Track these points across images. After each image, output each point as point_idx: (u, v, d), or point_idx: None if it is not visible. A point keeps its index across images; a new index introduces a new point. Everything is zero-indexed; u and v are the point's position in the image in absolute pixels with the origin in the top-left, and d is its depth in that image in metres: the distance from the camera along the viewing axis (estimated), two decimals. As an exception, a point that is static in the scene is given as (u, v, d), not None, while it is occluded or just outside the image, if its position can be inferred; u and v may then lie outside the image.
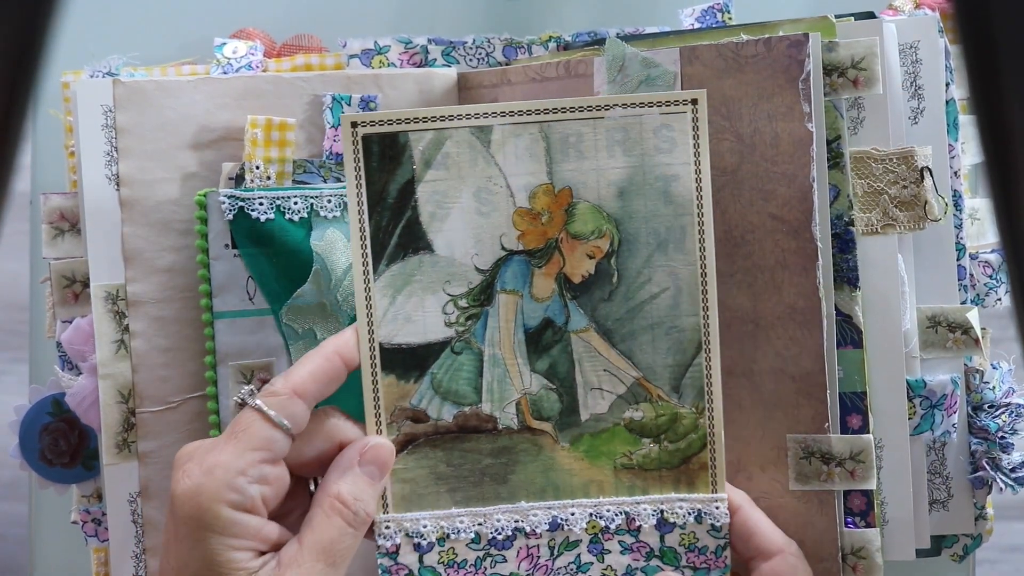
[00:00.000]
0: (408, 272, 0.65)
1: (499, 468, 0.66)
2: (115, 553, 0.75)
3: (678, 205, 0.65)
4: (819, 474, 0.70)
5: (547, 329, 0.66)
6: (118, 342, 0.74)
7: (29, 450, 0.80)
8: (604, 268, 0.66)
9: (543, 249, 0.65)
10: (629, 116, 0.65)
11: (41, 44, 0.35)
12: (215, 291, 0.73)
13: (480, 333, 0.65)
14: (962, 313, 0.72)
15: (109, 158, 0.75)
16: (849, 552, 0.71)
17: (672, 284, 0.66)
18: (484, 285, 0.65)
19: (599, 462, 0.67)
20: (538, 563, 0.66)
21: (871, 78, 0.70)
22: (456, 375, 0.66)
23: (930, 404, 0.72)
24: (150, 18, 0.84)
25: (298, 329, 0.73)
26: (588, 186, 0.65)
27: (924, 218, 0.71)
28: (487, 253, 0.65)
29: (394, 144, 0.64)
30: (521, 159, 0.65)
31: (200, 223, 0.73)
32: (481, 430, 0.66)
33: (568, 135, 0.65)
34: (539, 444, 0.66)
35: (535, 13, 0.85)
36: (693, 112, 0.65)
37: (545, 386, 0.66)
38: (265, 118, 0.74)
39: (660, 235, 0.66)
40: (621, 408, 0.67)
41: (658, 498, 0.67)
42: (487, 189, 0.65)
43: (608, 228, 0.65)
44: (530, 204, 0.65)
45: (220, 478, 0.60)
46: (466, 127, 0.64)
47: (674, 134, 0.65)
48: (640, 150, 0.65)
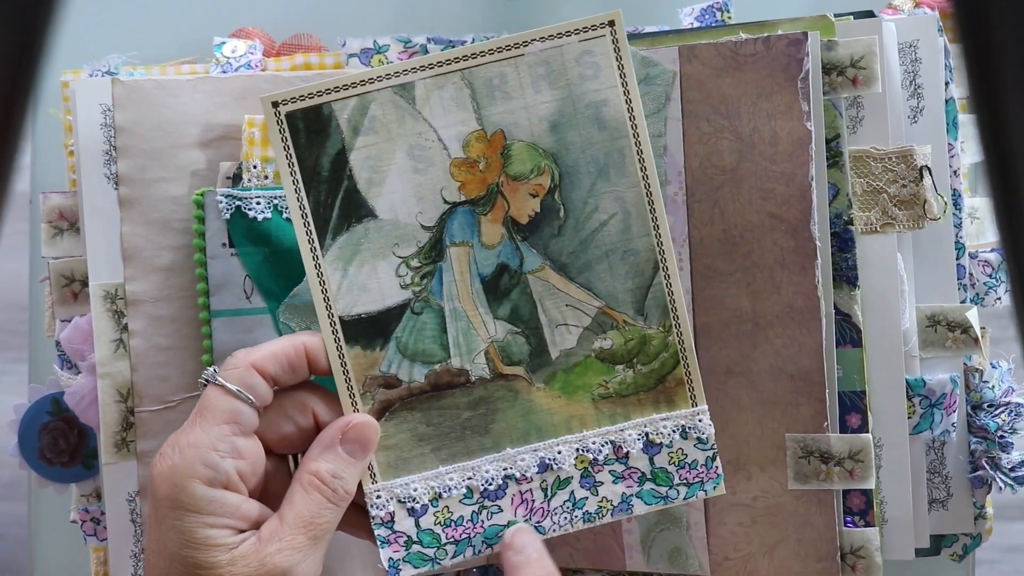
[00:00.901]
0: (355, 242, 0.64)
1: (479, 419, 0.66)
2: (114, 552, 0.75)
3: (612, 130, 0.65)
4: (818, 473, 0.70)
5: (503, 274, 0.66)
6: (117, 341, 0.74)
7: (28, 449, 0.80)
8: (549, 204, 0.65)
9: (485, 196, 0.65)
10: (549, 49, 0.64)
11: (41, 44, 0.35)
12: (212, 290, 0.73)
13: (437, 290, 0.65)
14: (961, 312, 0.72)
15: (108, 157, 0.75)
16: (848, 551, 0.71)
17: (620, 209, 0.65)
18: (433, 242, 0.65)
19: (577, 396, 0.66)
20: (533, 507, 0.66)
21: (870, 77, 0.70)
22: (420, 335, 0.65)
23: (929, 403, 0.72)
24: (149, 17, 0.84)
25: (295, 328, 0.73)
26: (520, 126, 0.65)
27: (923, 217, 0.71)
28: (430, 209, 0.65)
29: (319, 117, 0.64)
30: (448, 110, 0.64)
31: (197, 222, 0.73)
32: (455, 385, 0.66)
33: (491, 78, 0.64)
34: (514, 389, 0.66)
35: (534, 12, 0.85)
36: (612, 34, 0.64)
37: (510, 331, 0.66)
38: (263, 117, 0.74)
39: (599, 162, 0.65)
40: (589, 340, 0.66)
41: (641, 421, 0.67)
42: (419, 146, 0.64)
43: (546, 164, 0.65)
44: (465, 153, 0.65)
45: (192, 455, 0.60)
46: (388, 87, 0.64)
47: (597, 59, 0.64)
48: (565, 81, 0.64)
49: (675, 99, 0.72)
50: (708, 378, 0.72)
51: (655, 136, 0.72)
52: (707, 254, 0.72)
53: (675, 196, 0.72)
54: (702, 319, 0.72)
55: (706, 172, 0.71)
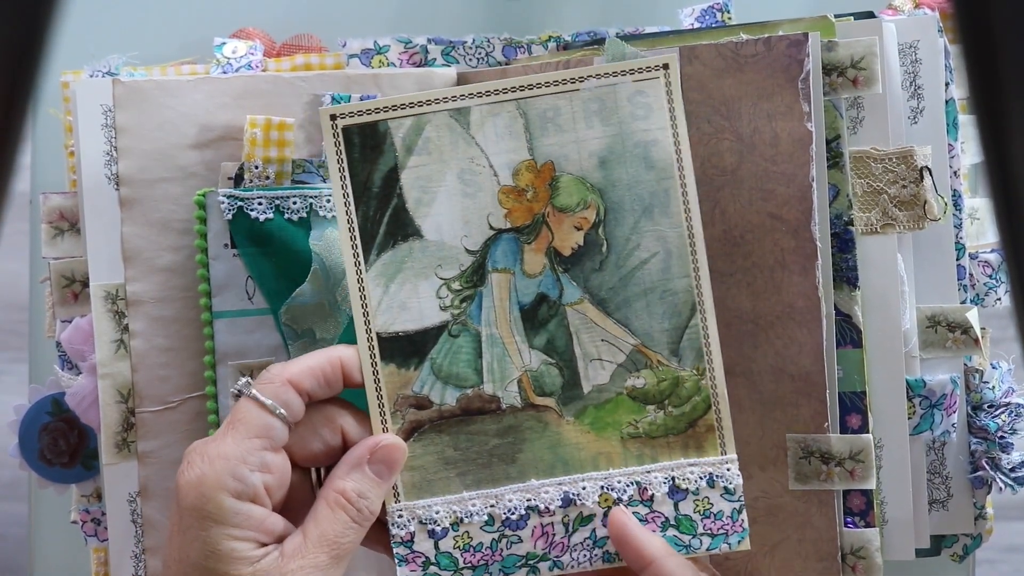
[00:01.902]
0: (399, 260, 0.65)
1: (506, 448, 0.66)
2: (115, 553, 0.75)
3: (659, 170, 0.66)
4: (818, 474, 0.70)
5: (542, 304, 0.66)
6: (117, 342, 0.74)
7: (28, 450, 0.80)
8: (592, 238, 0.66)
9: (531, 225, 0.66)
10: (603, 86, 0.65)
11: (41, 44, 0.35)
12: (214, 291, 0.73)
13: (476, 314, 0.65)
14: (962, 313, 0.72)
15: (109, 158, 0.75)
16: (849, 552, 0.71)
17: (661, 248, 0.66)
18: (475, 266, 0.65)
19: (606, 433, 0.66)
20: (554, 540, 0.66)
21: (871, 78, 0.70)
22: (455, 358, 0.65)
23: (930, 404, 0.72)
24: (150, 18, 0.84)
25: (297, 329, 0.73)
26: (569, 159, 0.65)
27: (924, 218, 0.71)
28: (476, 234, 0.65)
29: (375, 133, 0.64)
30: (501, 137, 0.65)
31: (199, 223, 0.73)
32: (485, 411, 0.66)
33: (545, 110, 0.65)
34: (544, 420, 0.66)
35: (535, 13, 0.85)
36: (665, 77, 0.65)
37: (545, 361, 0.66)
38: (264, 118, 0.74)
39: (644, 201, 0.66)
40: (622, 377, 0.66)
41: (668, 464, 0.66)
42: (470, 170, 0.65)
43: (593, 198, 0.66)
44: (514, 181, 0.65)
45: (222, 467, 0.60)
46: (444, 110, 0.64)
47: (649, 100, 0.65)
48: (617, 119, 0.65)
49: (675, 100, 0.72)
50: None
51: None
52: (708, 255, 0.72)
53: (675, 197, 0.72)
54: (702, 320, 0.72)
55: (707, 173, 0.71)
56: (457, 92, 0.64)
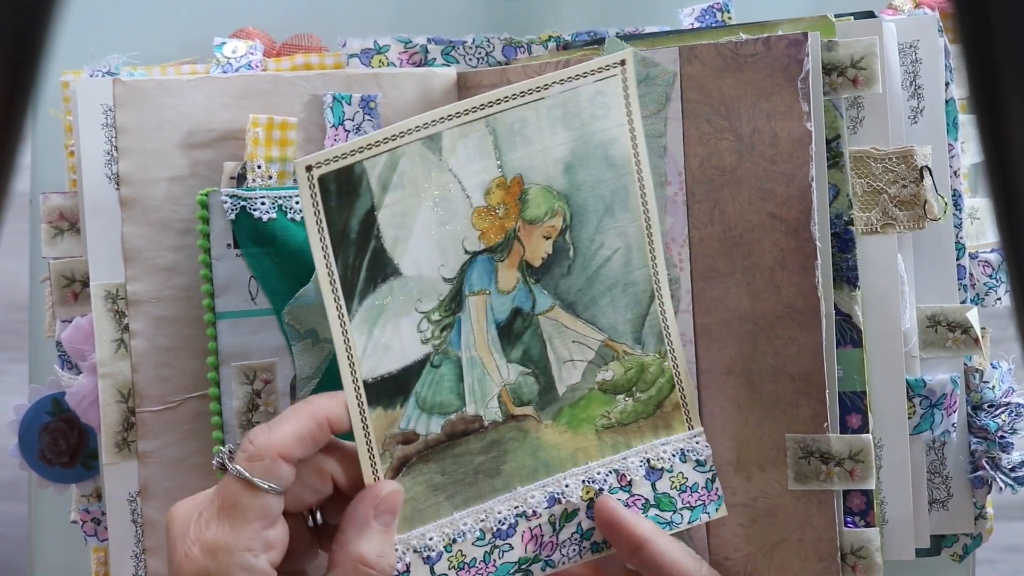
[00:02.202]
0: (380, 303, 0.63)
1: (491, 463, 0.66)
2: (115, 553, 0.75)
3: (619, 167, 0.66)
4: (818, 474, 0.70)
5: (516, 318, 0.66)
6: (118, 341, 0.74)
7: (28, 450, 0.80)
8: (560, 245, 0.66)
9: (503, 242, 0.65)
10: (567, 91, 0.65)
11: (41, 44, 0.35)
12: (217, 291, 0.73)
13: (456, 340, 0.65)
14: (962, 312, 0.72)
15: (109, 157, 0.75)
16: (849, 552, 0.71)
17: (622, 243, 0.67)
18: (453, 293, 0.65)
19: (581, 429, 0.67)
20: (543, 541, 0.66)
21: (870, 77, 0.70)
22: (439, 388, 0.65)
23: (930, 403, 0.72)
24: (150, 18, 0.84)
25: (300, 329, 0.73)
26: (536, 169, 0.65)
27: (924, 217, 0.71)
28: (452, 261, 0.64)
29: (351, 177, 0.62)
30: (471, 158, 0.64)
31: (202, 223, 0.73)
32: (469, 432, 0.65)
33: (513, 123, 0.64)
34: (524, 428, 0.66)
35: (535, 13, 0.85)
36: (622, 73, 0.65)
37: (521, 372, 0.67)
38: (266, 117, 0.74)
39: (606, 199, 0.66)
40: (593, 373, 0.67)
41: (642, 448, 0.68)
42: (444, 198, 0.64)
43: (560, 205, 0.66)
44: (485, 201, 0.65)
45: (226, 561, 0.58)
46: (417, 140, 0.63)
47: (607, 99, 0.65)
48: (579, 122, 0.65)
49: (675, 99, 0.72)
50: (708, 378, 0.72)
51: (655, 136, 0.72)
52: (707, 254, 0.72)
53: (675, 196, 0.72)
54: (702, 319, 0.72)
55: (706, 172, 0.71)
56: (427, 119, 0.63)
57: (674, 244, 0.72)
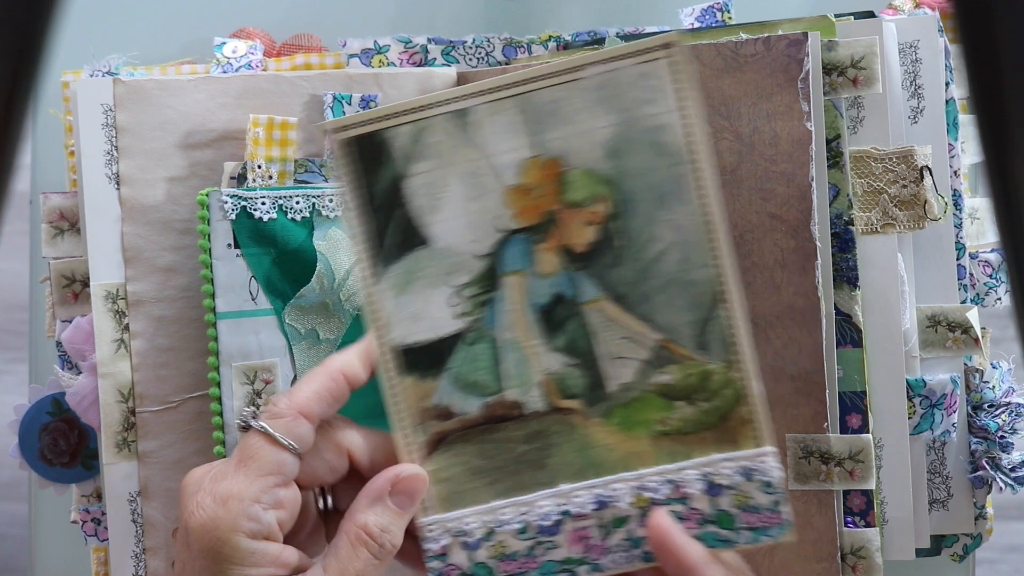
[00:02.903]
0: (409, 270, 0.62)
1: (534, 453, 0.63)
2: (115, 553, 0.75)
3: (671, 155, 0.62)
4: (818, 474, 0.70)
5: (558, 305, 0.63)
6: (118, 341, 0.74)
7: (29, 450, 0.80)
8: (607, 232, 0.62)
9: (541, 224, 0.62)
10: (605, 72, 0.62)
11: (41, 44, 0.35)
12: (218, 291, 0.73)
13: (491, 320, 0.63)
14: (962, 312, 0.72)
15: (109, 157, 0.75)
16: (849, 552, 0.71)
17: (679, 237, 0.62)
18: (486, 271, 0.63)
19: (635, 432, 0.63)
20: (590, 544, 0.63)
21: (871, 77, 0.70)
22: (474, 366, 0.63)
23: (930, 403, 0.72)
24: (150, 17, 0.84)
25: (301, 329, 0.73)
26: (577, 152, 0.62)
27: (924, 217, 0.71)
28: (484, 238, 0.62)
29: (373, 144, 0.62)
30: (502, 136, 0.62)
31: (202, 223, 0.73)
32: (509, 417, 0.63)
33: (547, 103, 0.62)
34: (571, 423, 0.63)
35: (535, 13, 0.85)
36: (668, 56, 0.61)
37: (566, 363, 0.63)
38: (267, 117, 0.74)
39: (658, 189, 0.62)
40: (648, 374, 0.63)
41: (702, 461, 0.63)
42: (473, 173, 0.62)
43: (604, 191, 0.62)
44: (520, 180, 0.62)
45: (236, 508, 0.58)
46: (442, 114, 0.62)
47: (654, 82, 0.61)
48: (623, 105, 0.62)
49: (675, 99, 0.72)
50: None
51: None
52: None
53: (676, 196, 0.72)
54: (703, 319, 0.72)
55: (706, 172, 0.71)
56: (454, 94, 0.62)
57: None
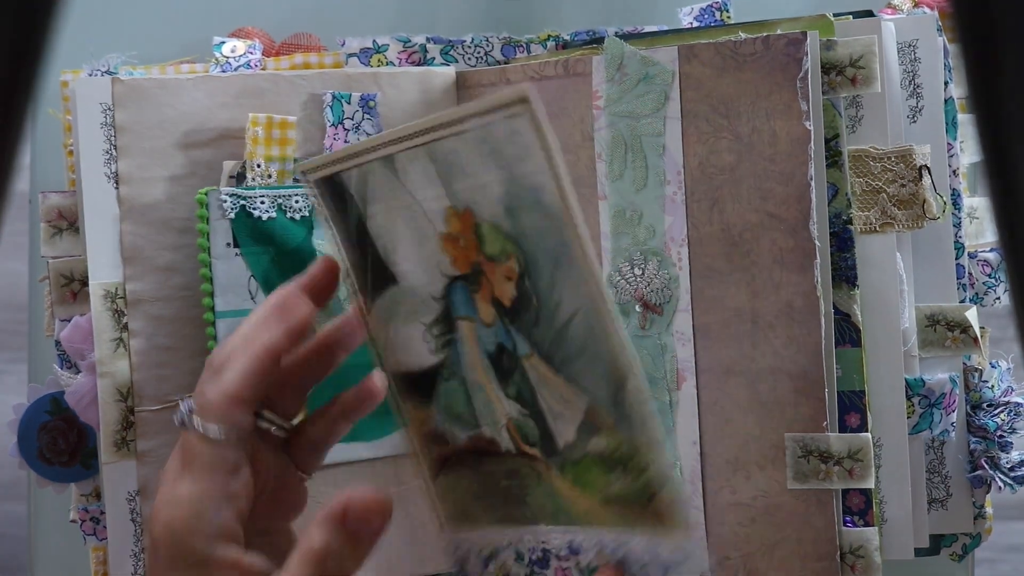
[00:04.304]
0: (388, 305, 0.62)
1: (516, 489, 0.63)
2: (114, 552, 0.75)
3: (554, 217, 0.55)
4: (817, 473, 0.70)
5: (503, 354, 0.60)
6: (117, 340, 0.74)
7: (28, 449, 0.80)
8: (524, 290, 0.58)
9: (472, 274, 0.59)
10: (484, 126, 0.55)
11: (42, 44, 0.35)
12: (217, 290, 0.73)
13: (456, 360, 0.62)
14: (961, 312, 0.72)
15: (108, 156, 0.75)
16: (847, 551, 0.71)
17: (580, 305, 0.56)
18: (443, 312, 0.61)
19: (587, 492, 0.60)
20: None
21: (869, 76, 0.70)
22: (454, 400, 0.62)
23: (929, 403, 0.72)
24: (149, 17, 0.84)
25: (297, 328, 0.73)
26: (480, 204, 0.57)
27: (923, 217, 0.71)
28: (435, 281, 0.60)
29: (337, 185, 0.61)
30: (424, 184, 0.59)
31: (202, 222, 0.73)
32: (490, 452, 0.63)
33: (447, 153, 0.57)
34: (536, 469, 0.61)
35: (534, 12, 0.85)
36: (529, 112, 0.53)
37: (520, 411, 0.60)
38: (266, 116, 0.74)
39: (552, 253, 0.56)
40: (585, 438, 0.59)
41: (645, 537, 0.59)
42: (412, 217, 0.60)
43: (511, 248, 0.57)
44: (447, 228, 0.59)
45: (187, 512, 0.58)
46: (376, 159, 0.59)
47: (524, 139, 0.54)
48: (504, 160, 0.56)
49: (674, 99, 0.72)
50: (707, 378, 0.72)
51: (655, 135, 0.72)
52: (706, 253, 0.72)
53: (674, 196, 0.72)
54: (701, 319, 0.72)
55: (705, 172, 0.72)
56: (380, 140, 0.59)
57: (673, 243, 0.72)
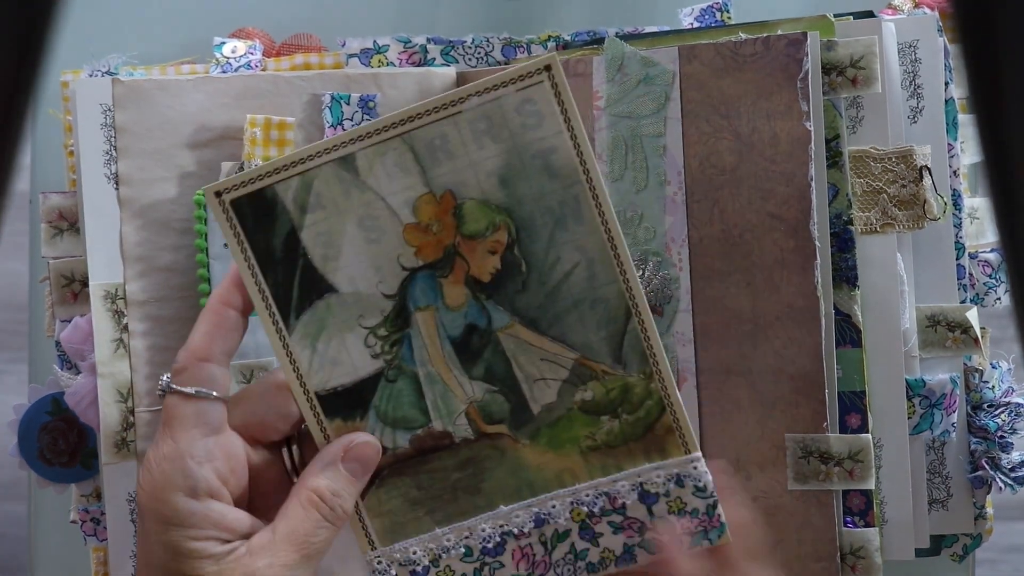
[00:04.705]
0: (319, 318, 0.63)
1: (469, 480, 0.65)
2: (114, 552, 0.75)
3: (563, 177, 0.62)
4: (818, 474, 0.70)
5: (472, 335, 0.64)
6: (117, 341, 0.74)
7: (28, 449, 0.80)
8: (510, 259, 0.63)
9: (443, 258, 0.63)
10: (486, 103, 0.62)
11: (42, 44, 0.35)
12: (214, 290, 0.73)
13: (408, 356, 0.64)
14: (961, 312, 0.72)
15: (108, 157, 0.75)
16: (848, 552, 0.71)
17: (582, 257, 0.63)
18: (397, 309, 0.64)
19: (564, 450, 0.65)
20: (535, 560, 0.66)
21: (870, 77, 0.70)
22: (398, 402, 0.65)
23: (929, 403, 0.72)
24: (149, 17, 0.84)
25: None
26: (468, 184, 0.62)
27: (923, 217, 0.71)
28: (390, 278, 0.63)
29: (264, 200, 0.62)
30: (393, 176, 0.62)
31: (199, 222, 0.73)
32: (439, 447, 0.65)
33: (432, 139, 0.62)
34: (500, 447, 0.65)
35: (534, 12, 0.85)
36: (551, 79, 0.61)
37: (488, 390, 0.65)
38: (264, 117, 0.74)
39: (555, 212, 0.63)
40: (570, 392, 0.65)
41: (633, 471, 0.65)
42: (369, 216, 0.63)
43: (501, 219, 0.63)
44: (416, 218, 0.63)
45: (168, 468, 0.59)
46: (328, 162, 0.62)
47: (538, 107, 0.62)
48: (508, 132, 0.62)
49: (675, 99, 0.72)
50: (708, 378, 0.72)
51: (655, 136, 0.72)
52: (706, 254, 0.72)
53: (674, 196, 0.72)
54: (701, 319, 0.72)
55: (706, 172, 0.72)
56: (337, 142, 0.62)
57: (673, 244, 0.72)
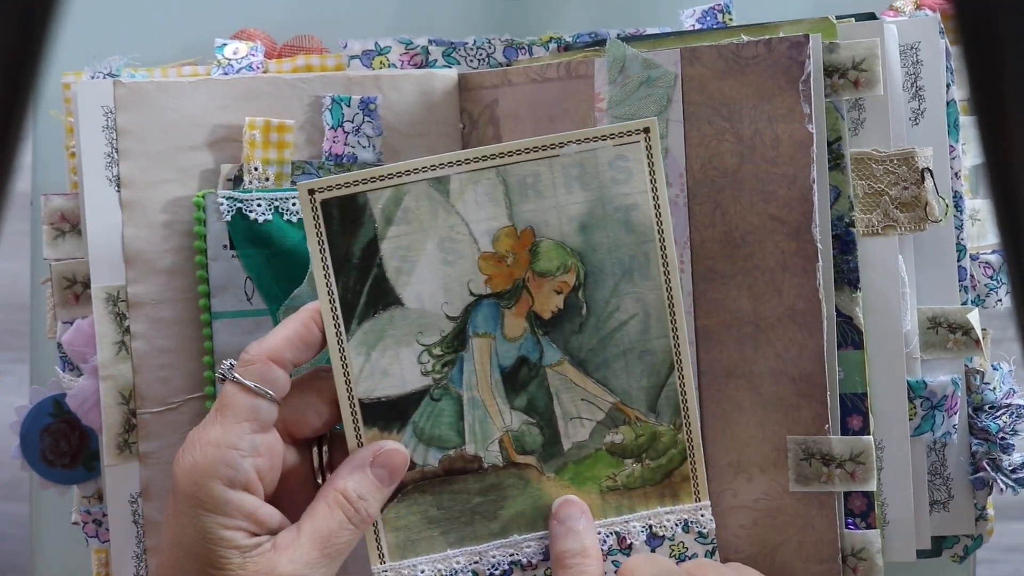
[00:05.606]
0: (380, 328, 0.65)
1: (488, 505, 0.67)
2: (116, 554, 0.75)
3: (639, 233, 0.67)
4: (819, 475, 0.70)
5: (522, 367, 0.67)
6: (119, 343, 0.74)
7: (30, 451, 0.80)
8: (572, 301, 0.67)
9: (511, 290, 0.66)
10: (584, 151, 0.66)
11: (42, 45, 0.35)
12: (213, 292, 0.73)
13: (457, 378, 0.66)
14: (963, 314, 0.72)
15: (110, 159, 0.75)
16: (849, 553, 0.71)
17: (640, 310, 0.67)
18: (456, 332, 0.66)
19: (585, 487, 0.68)
20: None
21: (872, 79, 0.70)
22: (438, 421, 0.66)
23: (931, 405, 0.72)
24: (151, 19, 0.84)
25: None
26: (549, 224, 0.66)
27: (925, 219, 0.71)
28: (456, 300, 0.66)
29: (354, 205, 0.65)
30: (481, 205, 0.65)
31: (198, 224, 0.73)
32: (467, 471, 0.67)
33: (525, 176, 0.65)
34: (525, 477, 0.67)
35: (536, 14, 0.85)
36: (646, 140, 0.66)
37: (525, 421, 0.67)
38: (263, 119, 0.74)
39: (624, 264, 0.67)
40: (601, 433, 0.68)
41: (645, 514, 0.68)
42: (450, 238, 0.65)
43: (573, 263, 0.66)
44: (494, 248, 0.66)
45: (212, 454, 0.61)
46: (424, 179, 0.65)
47: (629, 164, 0.66)
48: (597, 183, 0.66)
49: (676, 101, 0.72)
50: (709, 380, 0.72)
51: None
52: (708, 256, 0.72)
53: (676, 198, 0.72)
54: (703, 321, 0.72)
55: (707, 174, 0.71)
56: (436, 161, 0.65)
57: (675, 246, 0.72)
